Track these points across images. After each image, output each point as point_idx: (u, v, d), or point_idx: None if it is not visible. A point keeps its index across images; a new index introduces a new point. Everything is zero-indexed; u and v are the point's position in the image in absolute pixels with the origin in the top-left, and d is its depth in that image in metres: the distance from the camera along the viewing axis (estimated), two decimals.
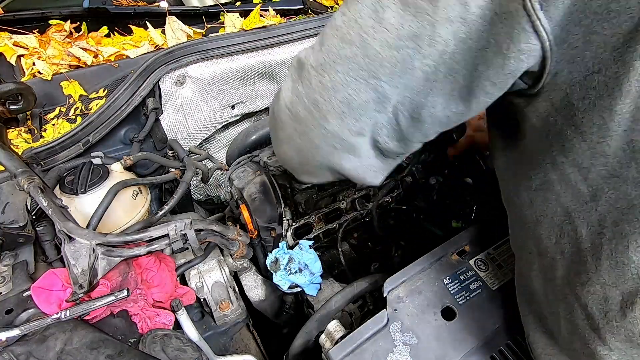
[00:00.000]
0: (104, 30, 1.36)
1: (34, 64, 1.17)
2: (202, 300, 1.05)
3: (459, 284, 0.76)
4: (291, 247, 0.97)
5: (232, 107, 1.45)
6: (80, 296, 0.75)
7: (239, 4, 1.56)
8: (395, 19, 0.41)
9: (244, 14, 1.47)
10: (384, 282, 0.76)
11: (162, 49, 1.26)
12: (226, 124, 1.50)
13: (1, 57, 1.19)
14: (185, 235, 0.84)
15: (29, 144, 1.04)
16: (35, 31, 1.27)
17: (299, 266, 0.92)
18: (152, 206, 1.18)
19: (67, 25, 1.31)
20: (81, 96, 1.16)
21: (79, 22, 1.35)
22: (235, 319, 1.03)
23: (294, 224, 1.02)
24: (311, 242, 0.96)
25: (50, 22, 1.31)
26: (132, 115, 1.14)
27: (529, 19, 0.38)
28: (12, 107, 1.01)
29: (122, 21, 1.40)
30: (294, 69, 0.51)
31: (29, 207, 0.85)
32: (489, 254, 0.81)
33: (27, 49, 1.21)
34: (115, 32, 1.36)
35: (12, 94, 0.99)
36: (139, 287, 0.89)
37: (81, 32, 1.34)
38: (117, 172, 1.03)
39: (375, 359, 0.66)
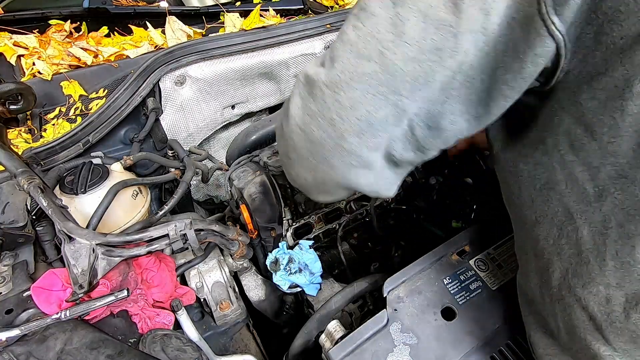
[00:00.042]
0: (104, 30, 1.36)
1: (34, 64, 1.17)
2: (202, 300, 1.05)
3: (459, 284, 0.76)
4: (291, 247, 0.97)
5: (232, 107, 1.45)
6: (80, 296, 0.75)
7: (239, 4, 1.56)
8: (416, 32, 0.40)
9: (244, 14, 1.48)
10: (384, 282, 0.76)
11: (162, 49, 1.26)
12: (226, 124, 1.50)
13: (1, 57, 1.19)
14: (185, 235, 0.84)
15: (29, 144, 1.04)
16: (35, 31, 1.26)
17: (299, 266, 0.92)
18: (152, 206, 1.18)
19: (67, 25, 1.31)
20: (81, 96, 1.16)
21: (79, 22, 1.35)
22: (235, 319, 1.03)
23: (294, 224, 1.02)
24: (311, 242, 0.96)
25: (50, 22, 1.31)
26: (132, 115, 1.14)
27: (544, 24, 0.38)
28: (12, 107, 1.01)
29: (122, 21, 1.40)
30: (303, 86, 0.50)
31: (29, 207, 0.85)
32: (489, 254, 0.81)
33: (27, 49, 1.21)
34: (115, 32, 1.36)
35: (12, 94, 0.99)
36: (139, 287, 0.89)
37: (81, 32, 1.34)
38: (117, 172, 1.03)
39: (375, 359, 0.66)
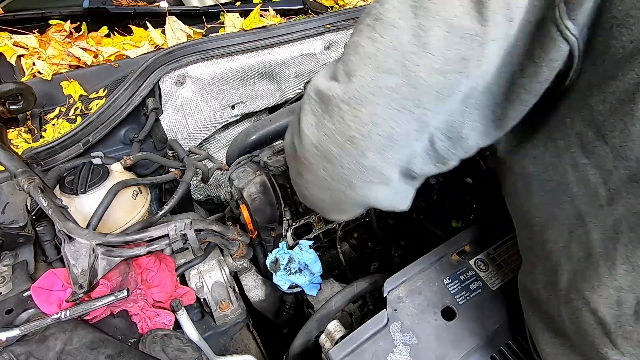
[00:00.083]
0: (104, 30, 1.36)
1: (34, 64, 1.17)
2: (202, 300, 1.05)
3: (459, 284, 0.76)
4: (291, 247, 0.97)
5: (232, 107, 1.45)
6: (80, 296, 0.75)
7: (239, 4, 1.56)
8: (440, 42, 0.39)
9: (244, 14, 1.48)
10: (384, 282, 0.76)
11: (162, 49, 1.26)
12: (226, 124, 1.51)
13: (1, 57, 1.19)
14: (185, 235, 0.84)
15: (29, 144, 1.04)
16: (35, 31, 1.26)
17: (299, 266, 0.92)
18: (152, 206, 1.18)
19: (67, 25, 1.30)
20: (81, 96, 1.16)
21: (79, 22, 1.35)
22: (235, 319, 1.03)
23: (294, 224, 1.02)
24: (311, 242, 0.96)
25: (50, 22, 1.31)
26: (132, 115, 1.14)
27: (558, 29, 0.38)
28: (12, 107, 1.01)
29: (122, 21, 1.40)
30: (315, 102, 0.48)
31: (29, 207, 0.85)
32: (489, 254, 0.81)
33: (27, 49, 1.21)
34: (115, 32, 1.36)
35: (12, 94, 0.99)
36: (139, 287, 0.89)
37: (81, 32, 1.34)
38: (117, 172, 1.03)
39: (375, 359, 0.66)
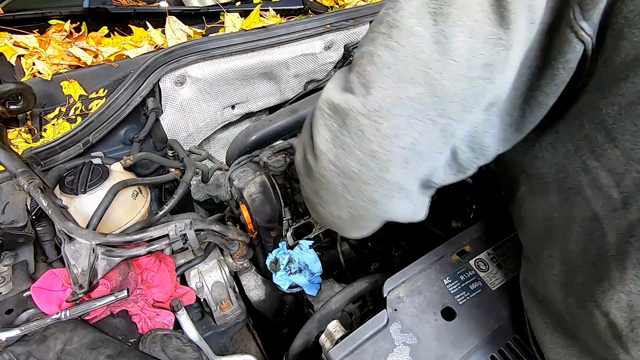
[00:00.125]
0: (104, 30, 1.36)
1: (34, 64, 1.17)
2: (202, 300, 1.05)
3: (459, 284, 0.76)
4: (291, 247, 0.97)
5: (232, 107, 1.45)
6: (80, 296, 0.75)
7: (239, 4, 1.56)
8: (464, 48, 0.37)
9: (244, 14, 1.48)
10: (384, 282, 0.76)
11: (162, 49, 1.26)
12: (226, 124, 1.50)
13: (1, 57, 1.19)
14: (185, 235, 0.84)
15: (29, 144, 1.04)
16: (35, 31, 1.26)
17: (299, 266, 0.92)
18: (152, 206, 1.18)
19: (67, 25, 1.31)
20: (81, 96, 1.16)
21: (79, 22, 1.35)
22: (235, 319, 1.03)
23: (294, 224, 1.01)
24: (311, 242, 0.96)
25: (50, 22, 1.31)
26: (132, 115, 1.14)
27: (572, 29, 0.38)
28: (12, 107, 1.01)
29: (122, 21, 1.40)
30: (329, 117, 0.45)
31: (29, 207, 0.85)
32: (489, 254, 0.81)
33: (27, 49, 1.21)
34: (115, 32, 1.36)
35: (12, 94, 0.99)
36: (139, 287, 0.89)
37: (81, 32, 1.34)
38: (117, 172, 1.03)
39: (375, 359, 0.66)
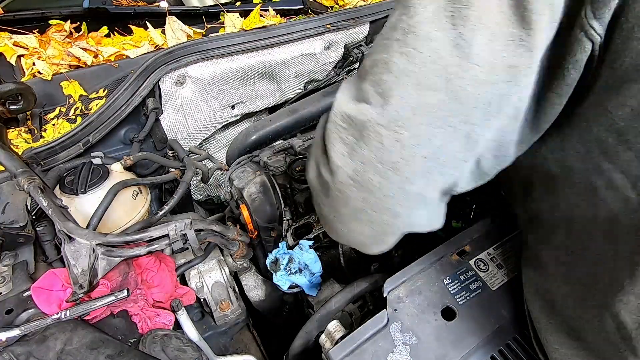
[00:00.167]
0: (104, 30, 1.36)
1: (34, 64, 1.17)
2: (202, 300, 1.05)
3: (459, 284, 0.76)
4: (291, 247, 0.97)
5: (232, 107, 1.45)
6: (80, 296, 0.75)
7: (239, 4, 1.56)
8: (485, 52, 0.36)
9: (244, 14, 1.48)
10: (384, 282, 0.76)
11: (162, 49, 1.26)
12: (226, 124, 1.51)
13: (1, 57, 1.19)
14: (185, 235, 0.84)
15: (29, 144, 1.04)
16: (35, 31, 1.26)
17: (299, 266, 0.92)
18: (152, 206, 1.18)
19: (67, 25, 1.31)
20: (81, 96, 1.16)
21: (79, 22, 1.35)
22: (235, 319, 1.03)
23: (294, 224, 1.01)
24: (311, 242, 0.96)
25: (50, 22, 1.31)
26: (132, 115, 1.14)
27: (583, 29, 0.37)
28: (12, 107, 1.01)
29: (122, 21, 1.40)
30: (344, 129, 0.44)
31: (29, 207, 0.85)
32: (489, 254, 0.81)
33: (27, 49, 1.21)
34: (115, 32, 1.36)
35: (12, 94, 0.99)
36: (139, 287, 0.89)
37: (81, 32, 1.34)
38: (117, 172, 1.03)
39: (375, 359, 0.66)
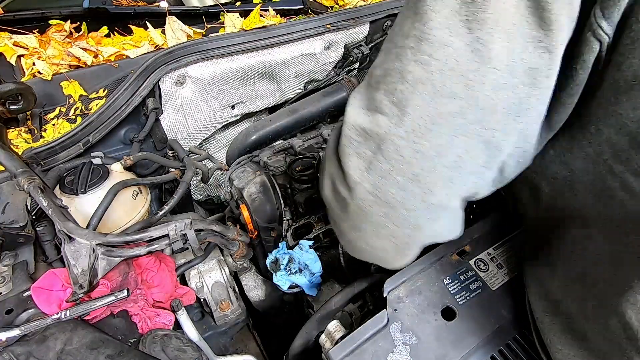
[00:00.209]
0: (104, 30, 1.36)
1: (34, 64, 1.17)
2: (202, 300, 1.05)
3: (459, 284, 0.76)
4: (291, 247, 0.97)
5: (232, 107, 1.45)
6: (80, 296, 0.75)
7: (239, 4, 1.56)
8: (504, 55, 0.36)
9: (244, 14, 1.48)
10: (384, 282, 0.76)
11: (162, 49, 1.26)
12: (226, 124, 1.50)
13: (1, 57, 1.19)
14: (185, 235, 0.84)
15: (29, 144, 1.04)
16: (35, 31, 1.26)
17: (299, 266, 0.92)
18: (152, 206, 1.18)
19: (67, 25, 1.31)
20: (81, 96, 1.16)
21: (79, 22, 1.35)
22: (235, 319, 1.03)
23: (294, 224, 1.01)
24: (311, 242, 0.96)
25: (50, 22, 1.31)
26: (132, 115, 1.14)
27: (590, 28, 0.36)
28: (12, 107, 1.01)
29: (122, 21, 1.40)
30: (360, 143, 0.43)
31: (29, 207, 0.85)
32: (489, 254, 0.81)
33: (27, 49, 1.21)
34: (115, 32, 1.36)
35: (12, 94, 0.99)
36: (139, 287, 0.89)
37: (81, 32, 1.34)
38: (117, 172, 1.03)
39: (375, 359, 0.66)
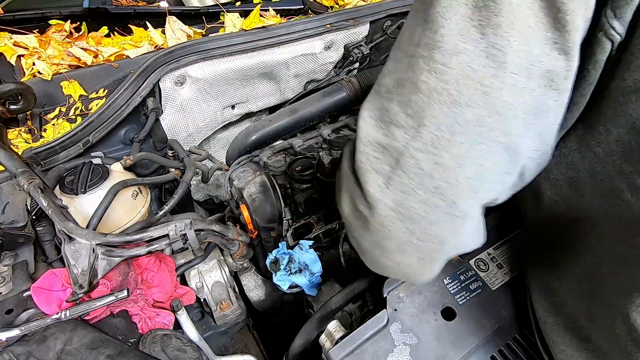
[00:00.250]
0: (104, 30, 1.36)
1: (34, 64, 1.17)
2: (202, 300, 1.05)
3: (459, 284, 0.76)
4: (291, 247, 0.97)
5: (232, 107, 1.45)
6: (80, 296, 0.75)
7: (239, 4, 1.56)
8: (521, 58, 0.35)
9: (244, 14, 1.48)
10: (384, 282, 0.76)
11: (162, 49, 1.26)
12: (226, 124, 1.50)
13: (1, 57, 1.19)
14: (185, 235, 0.84)
15: (29, 144, 1.04)
16: (35, 31, 1.26)
17: (299, 266, 0.92)
18: (152, 206, 1.18)
19: (67, 25, 1.30)
20: (81, 96, 1.16)
21: (79, 22, 1.35)
22: (235, 319, 1.03)
23: (294, 224, 1.01)
24: (311, 242, 0.96)
25: (50, 22, 1.31)
26: (132, 115, 1.14)
27: (602, 28, 0.36)
28: (12, 107, 1.01)
29: (122, 21, 1.39)
30: (377, 158, 0.42)
31: (29, 207, 0.85)
32: (489, 254, 0.81)
33: (27, 49, 1.21)
34: (115, 32, 1.36)
35: (12, 94, 0.99)
36: (139, 287, 0.89)
37: (81, 32, 1.34)
38: (117, 172, 1.03)
39: (375, 359, 0.66)
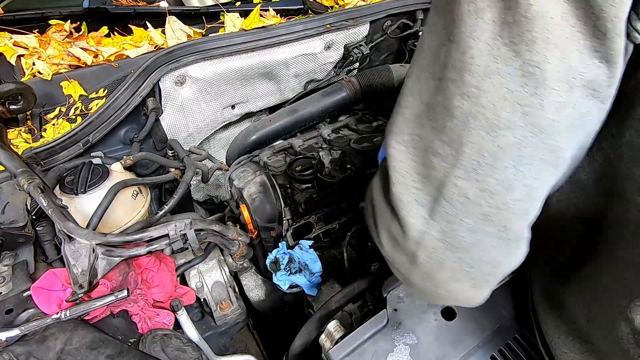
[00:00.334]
0: (104, 30, 1.36)
1: (34, 64, 1.17)
2: (202, 300, 1.05)
3: None
4: (291, 247, 0.97)
5: (232, 107, 1.45)
6: (80, 296, 0.75)
7: (239, 4, 1.56)
8: (561, 72, 0.33)
9: (244, 14, 1.48)
10: (384, 282, 0.76)
11: (162, 49, 1.26)
12: (226, 124, 1.50)
13: (1, 57, 1.19)
14: (185, 235, 0.84)
15: (29, 144, 1.04)
16: (35, 31, 1.26)
17: (299, 266, 0.92)
18: (152, 206, 1.18)
19: (67, 25, 1.31)
20: (81, 96, 1.16)
21: (79, 22, 1.35)
22: (235, 319, 1.03)
23: (294, 224, 1.02)
24: (311, 242, 0.96)
25: (50, 22, 1.31)
26: (132, 115, 1.14)
27: (626, 30, 0.34)
28: (12, 107, 1.01)
29: (122, 21, 1.40)
30: (418, 189, 0.41)
31: (29, 207, 0.85)
32: None
33: (27, 49, 1.21)
34: (115, 32, 1.36)
35: (12, 94, 0.99)
36: (139, 287, 0.89)
37: (81, 32, 1.34)
38: (117, 172, 1.03)
39: (375, 359, 0.66)
